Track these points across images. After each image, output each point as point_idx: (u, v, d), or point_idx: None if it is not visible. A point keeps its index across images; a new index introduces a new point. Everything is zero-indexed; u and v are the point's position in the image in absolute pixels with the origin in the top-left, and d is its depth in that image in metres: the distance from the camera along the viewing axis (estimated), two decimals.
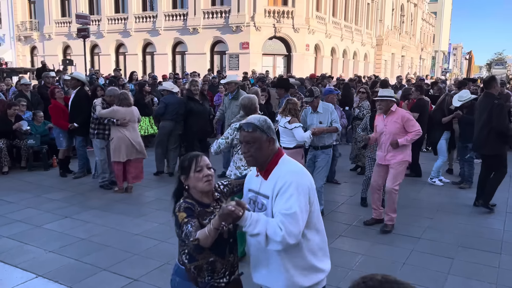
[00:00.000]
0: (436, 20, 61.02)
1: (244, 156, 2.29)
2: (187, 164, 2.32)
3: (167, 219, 5.93)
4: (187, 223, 2.14)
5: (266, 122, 2.28)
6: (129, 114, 7.05)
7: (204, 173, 2.29)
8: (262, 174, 2.29)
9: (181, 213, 2.19)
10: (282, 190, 2.12)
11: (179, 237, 2.25)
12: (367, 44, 36.23)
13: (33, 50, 34.68)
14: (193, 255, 2.26)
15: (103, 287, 4.07)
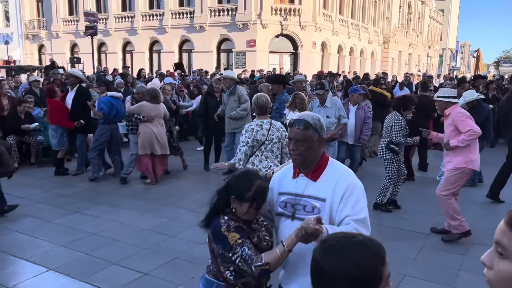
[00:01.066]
0: (443, 18, 60.59)
1: (292, 154, 2.14)
2: (250, 195, 2.11)
3: (176, 215, 5.97)
4: (242, 245, 2.02)
5: (319, 121, 2.16)
6: (155, 110, 7.30)
7: (258, 214, 2.19)
8: (308, 176, 2.14)
9: (232, 233, 2.06)
10: (347, 193, 2.04)
11: (222, 256, 2.12)
12: (374, 42, 36.06)
13: (41, 48, 34.85)
14: (239, 272, 2.13)
15: (114, 280, 4.08)
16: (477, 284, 4.10)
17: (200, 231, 5.45)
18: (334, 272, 1.13)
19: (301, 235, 1.86)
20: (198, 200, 6.53)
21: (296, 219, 2.11)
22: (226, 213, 2.16)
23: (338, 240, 1.21)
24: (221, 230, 2.09)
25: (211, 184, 7.50)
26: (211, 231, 2.18)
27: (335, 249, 1.17)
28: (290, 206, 2.16)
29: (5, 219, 5.67)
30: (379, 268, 1.12)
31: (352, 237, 1.21)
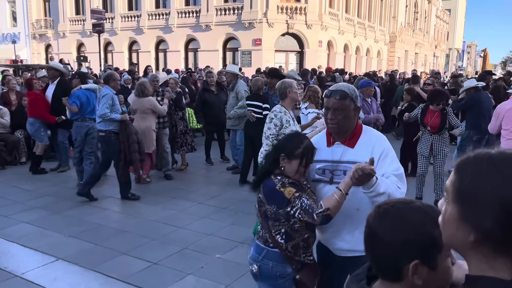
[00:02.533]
0: (450, 17, 60.28)
1: (330, 123, 2.26)
2: (299, 152, 2.21)
3: (184, 207, 5.95)
4: (299, 197, 2.12)
5: (355, 91, 2.30)
6: (137, 104, 6.78)
7: (307, 170, 2.28)
8: (345, 143, 2.28)
9: (288, 188, 2.13)
10: (383, 155, 2.22)
11: (276, 216, 2.20)
12: (380, 41, 35.91)
13: (47, 48, 35.02)
14: (290, 233, 2.22)
15: (123, 269, 4.06)
16: None
17: (209, 222, 5.46)
18: (389, 237, 1.09)
19: (358, 176, 1.97)
20: (206, 193, 6.51)
21: (335, 183, 2.22)
22: (276, 174, 2.24)
23: (394, 205, 1.16)
24: (276, 188, 2.16)
25: (218, 178, 7.49)
26: (263, 192, 2.26)
27: (391, 213, 1.13)
28: (329, 172, 2.30)
29: (14, 211, 5.67)
30: (438, 236, 1.03)
31: (410, 202, 1.15)
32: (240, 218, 5.56)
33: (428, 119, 5.90)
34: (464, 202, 0.91)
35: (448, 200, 0.96)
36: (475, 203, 0.88)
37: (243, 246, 4.65)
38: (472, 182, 0.90)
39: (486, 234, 0.87)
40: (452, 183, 0.95)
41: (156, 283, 3.83)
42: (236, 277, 3.91)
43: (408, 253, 1.08)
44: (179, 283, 3.85)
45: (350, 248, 2.28)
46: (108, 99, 5.95)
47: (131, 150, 6.00)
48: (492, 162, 0.90)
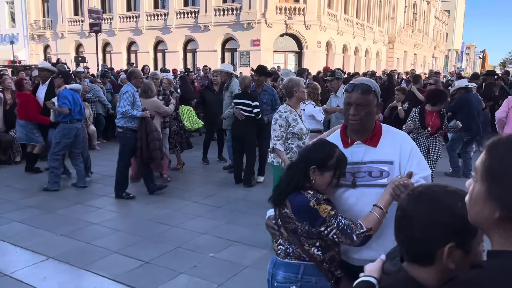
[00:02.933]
0: (449, 19, 60.28)
1: (351, 119, 2.08)
2: (333, 163, 2.01)
3: (179, 206, 5.88)
4: (336, 216, 1.93)
5: (377, 86, 2.15)
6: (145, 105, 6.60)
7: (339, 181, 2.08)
8: (366, 142, 2.12)
9: (323, 205, 1.94)
10: (412, 153, 2.08)
11: (308, 233, 1.98)
12: (379, 41, 35.89)
13: (46, 48, 34.96)
14: (326, 247, 2.02)
15: (115, 268, 3.99)
16: None
17: (204, 221, 5.39)
18: (424, 219, 1.10)
19: (400, 193, 1.82)
20: (201, 192, 6.44)
21: (359, 186, 2.08)
22: (305, 188, 2.01)
23: (430, 188, 1.17)
24: (310, 204, 1.94)
25: (214, 177, 7.42)
26: (293, 208, 2.00)
27: (426, 195, 1.14)
28: (350, 175, 2.09)
29: (4, 210, 5.59)
30: None
31: (445, 187, 1.17)
32: (235, 217, 5.49)
33: (429, 120, 5.80)
34: (494, 180, 0.94)
35: (477, 179, 0.99)
36: (503, 181, 0.93)
37: (237, 245, 4.59)
38: (502, 161, 0.94)
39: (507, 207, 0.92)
40: (482, 162, 0.98)
41: (148, 282, 3.75)
42: (229, 276, 3.84)
43: (443, 236, 1.09)
44: (171, 282, 3.78)
45: (376, 256, 2.09)
46: (129, 96, 5.90)
47: (151, 147, 5.91)
48: None
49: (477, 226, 1.03)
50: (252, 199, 6.19)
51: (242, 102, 6.65)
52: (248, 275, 3.88)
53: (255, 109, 6.51)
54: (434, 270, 1.13)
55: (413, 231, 1.13)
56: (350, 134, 2.16)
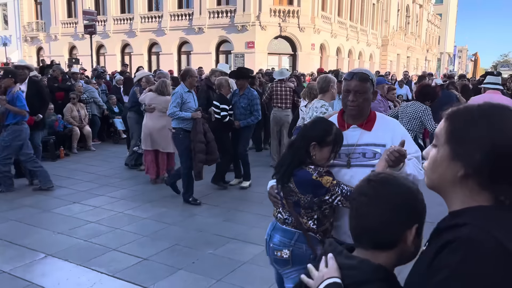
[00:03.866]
0: (441, 22, 60.78)
1: (350, 105, 2.25)
2: (332, 139, 2.18)
3: (176, 205, 5.91)
4: (338, 185, 2.13)
5: (374, 75, 2.36)
6: (157, 102, 6.75)
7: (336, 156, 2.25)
8: (362, 126, 2.30)
9: (325, 177, 2.13)
10: (405, 136, 2.25)
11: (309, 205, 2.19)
12: (372, 44, 36.13)
13: (39, 50, 34.82)
14: (321, 219, 2.23)
15: (113, 265, 4.01)
16: None
17: (201, 219, 5.42)
18: (393, 202, 1.15)
19: (394, 158, 1.98)
20: (198, 191, 6.41)
21: (353, 166, 2.25)
22: (306, 164, 2.20)
23: (389, 174, 1.25)
24: (313, 177, 2.13)
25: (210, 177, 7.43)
26: (296, 183, 2.19)
27: (391, 180, 1.20)
28: (345, 156, 2.28)
29: (2, 209, 5.59)
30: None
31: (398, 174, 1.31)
32: (232, 215, 5.53)
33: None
34: (457, 142, 1.02)
35: (439, 144, 1.07)
36: (467, 142, 1.00)
37: (234, 242, 4.62)
38: (465, 125, 1.03)
39: (475, 168, 0.99)
40: (444, 128, 1.06)
41: (147, 278, 3.78)
42: (227, 272, 3.87)
43: (410, 218, 1.14)
44: (170, 278, 3.80)
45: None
46: (177, 98, 5.83)
47: (196, 149, 5.83)
48: (482, 109, 1.04)
49: (438, 189, 1.09)
50: (248, 198, 6.24)
51: (214, 105, 6.67)
52: (246, 271, 3.91)
53: (222, 112, 6.47)
54: (394, 253, 1.16)
55: (381, 215, 1.13)
56: (347, 119, 2.34)
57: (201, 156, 5.84)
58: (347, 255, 1.22)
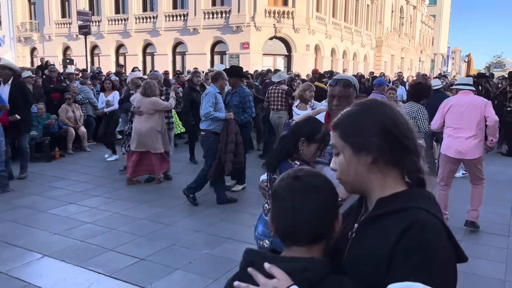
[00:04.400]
0: (435, 23, 61.13)
1: (335, 109, 2.42)
2: (319, 137, 2.29)
3: (172, 205, 5.93)
4: None
5: (356, 82, 2.52)
6: (142, 104, 6.71)
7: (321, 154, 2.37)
8: None
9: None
10: None
11: None
12: (366, 45, 36.28)
13: (33, 51, 34.64)
14: None
15: (110, 265, 4.03)
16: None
17: (197, 219, 5.44)
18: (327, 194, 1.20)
19: None
20: None
21: None
22: (293, 158, 2.31)
23: (312, 170, 1.32)
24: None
25: None
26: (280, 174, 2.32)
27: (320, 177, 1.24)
28: (328, 155, 2.39)
29: None
30: None
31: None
32: (228, 215, 5.56)
33: None
34: (354, 138, 1.17)
35: (339, 151, 1.21)
36: (362, 133, 1.16)
37: (231, 242, 4.65)
38: (353, 122, 1.19)
39: (379, 149, 1.14)
40: (337, 135, 1.21)
41: (144, 278, 3.80)
42: (224, 271, 3.90)
43: (337, 207, 1.22)
44: (167, 278, 3.83)
45: None
46: (211, 97, 5.83)
47: (227, 149, 5.81)
48: (363, 105, 1.23)
49: (357, 187, 1.21)
50: (244, 198, 6.26)
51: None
52: None
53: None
54: (326, 243, 1.20)
55: (317, 208, 1.15)
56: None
57: (231, 156, 5.82)
58: (284, 259, 1.17)
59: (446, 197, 5.19)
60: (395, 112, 1.19)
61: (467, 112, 4.92)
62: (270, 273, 1.13)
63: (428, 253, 1.04)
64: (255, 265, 1.18)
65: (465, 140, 4.91)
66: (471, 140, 4.90)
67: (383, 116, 1.17)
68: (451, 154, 5.02)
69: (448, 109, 5.08)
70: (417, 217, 1.08)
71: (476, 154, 4.93)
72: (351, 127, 1.18)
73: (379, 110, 1.18)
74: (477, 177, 5.06)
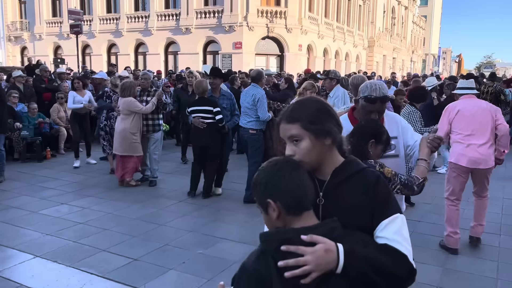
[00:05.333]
0: (426, 24, 61.57)
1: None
2: (385, 138, 2.38)
3: (165, 205, 5.91)
4: (397, 175, 2.34)
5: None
6: (119, 103, 6.63)
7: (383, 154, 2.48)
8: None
9: (386, 168, 2.32)
10: (407, 127, 2.70)
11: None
12: (359, 45, 36.42)
13: (23, 50, 34.31)
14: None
15: (103, 266, 4.00)
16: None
17: (190, 219, 5.41)
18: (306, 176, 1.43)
19: (437, 144, 2.40)
20: (186, 192, 6.44)
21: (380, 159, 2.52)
22: (366, 158, 2.36)
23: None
24: (377, 169, 2.29)
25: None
26: None
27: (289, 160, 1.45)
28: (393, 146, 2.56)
29: None
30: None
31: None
32: (222, 215, 5.55)
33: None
34: (317, 126, 1.43)
35: (300, 138, 1.43)
36: (315, 124, 1.43)
37: (224, 241, 4.64)
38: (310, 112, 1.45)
39: (333, 133, 1.45)
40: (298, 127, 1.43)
41: (137, 278, 3.77)
42: (218, 271, 3.89)
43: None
44: (160, 278, 3.81)
45: None
46: (264, 100, 5.99)
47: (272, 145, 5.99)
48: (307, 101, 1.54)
49: (316, 165, 1.46)
50: (238, 198, 6.24)
51: (200, 109, 6.07)
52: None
53: (217, 115, 6.00)
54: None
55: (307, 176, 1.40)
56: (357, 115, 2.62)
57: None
58: (310, 228, 1.31)
59: (458, 214, 4.54)
60: (329, 105, 1.54)
61: (478, 117, 4.44)
62: (313, 241, 1.26)
63: (392, 194, 1.48)
64: (290, 241, 1.27)
65: (478, 147, 4.39)
66: (485, 148, 4.40)
67: (327, 105, 1.52)
68: (464, 164, 4.42)
69: (455, 114, 4.51)
70: (376, 173, 1.49)
71: (490, 163, 4.44)
72: (313, 118, 1.43)
73: (320, 101, 1.52)
74: (485, 188, 4.60)
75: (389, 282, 1.32)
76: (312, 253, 1.24)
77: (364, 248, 1.31)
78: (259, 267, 1.30)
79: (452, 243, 4.46)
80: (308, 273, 1.24)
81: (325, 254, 1.25)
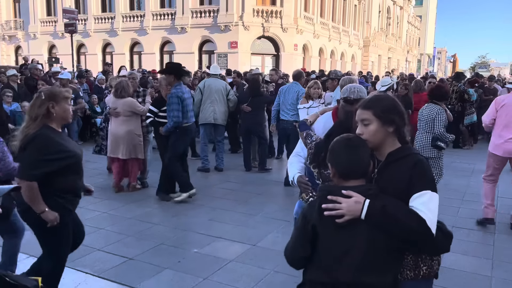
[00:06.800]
0: (421, 24, 61.79)
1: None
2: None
3: (160, 204, 5.90)
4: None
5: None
6: (117, 105, 6.31)
7: None
8: None
9: None
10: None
11: None
12: (354, 45, 36.50)
13: (17, 49, 34.13)
14: None
15: (98, 265, 3.98)
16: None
17: (186, 219, 5.40)
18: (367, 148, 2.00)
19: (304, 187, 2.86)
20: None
21: None
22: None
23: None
24: None
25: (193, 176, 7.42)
26: None
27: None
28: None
29: None
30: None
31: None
32: (218, 214, 5.54)
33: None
34: (378, 116, 1.89)
35: (369, 123, 1.91)
36: (383, 113, 1.90)
37: (220, 240, 4.63)
38: (383, 106, 1.93)
39: (396, 124, 1.91)
40: (371, 113, 1.91)
41: (133, 277, 3.76)
42: (214, 270, 3.88)
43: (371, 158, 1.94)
44: (156, 277, 3.80)
45: None
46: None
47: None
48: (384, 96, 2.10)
49: (376, 146, 1.92)
50: (233, 197, 6.24)
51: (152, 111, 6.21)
52: (233, 269, 3.93)
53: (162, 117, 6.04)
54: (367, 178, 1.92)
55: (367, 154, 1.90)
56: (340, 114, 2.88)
57: None
58: (350, 187, 1.83)
59: (493, 190, 5.20)
60: (398, 102, 1.99)
61: None
62: (348, 195, 1.79)
63: (428, 175, 1.86)
64: (332, 193, 1.83)
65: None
66: None
67: (397, 103, 1.97)
68: (500, 153, 5.01)
69: (501, 107, 4.96)
70: (417, 158, 1.89)
71: None
72: (381, 108, 1.90)
73: (393, 100, 2.00)
74: None
75: (402, 234, 1.76)
76: (345, 202, 1.78)
77: (388, 206, 1.75)
78: (307, 208, 1.95)
79: (489, 213, 5.13)
80: (341, 216, 1.78)
81: (355, 204, 1.77)
